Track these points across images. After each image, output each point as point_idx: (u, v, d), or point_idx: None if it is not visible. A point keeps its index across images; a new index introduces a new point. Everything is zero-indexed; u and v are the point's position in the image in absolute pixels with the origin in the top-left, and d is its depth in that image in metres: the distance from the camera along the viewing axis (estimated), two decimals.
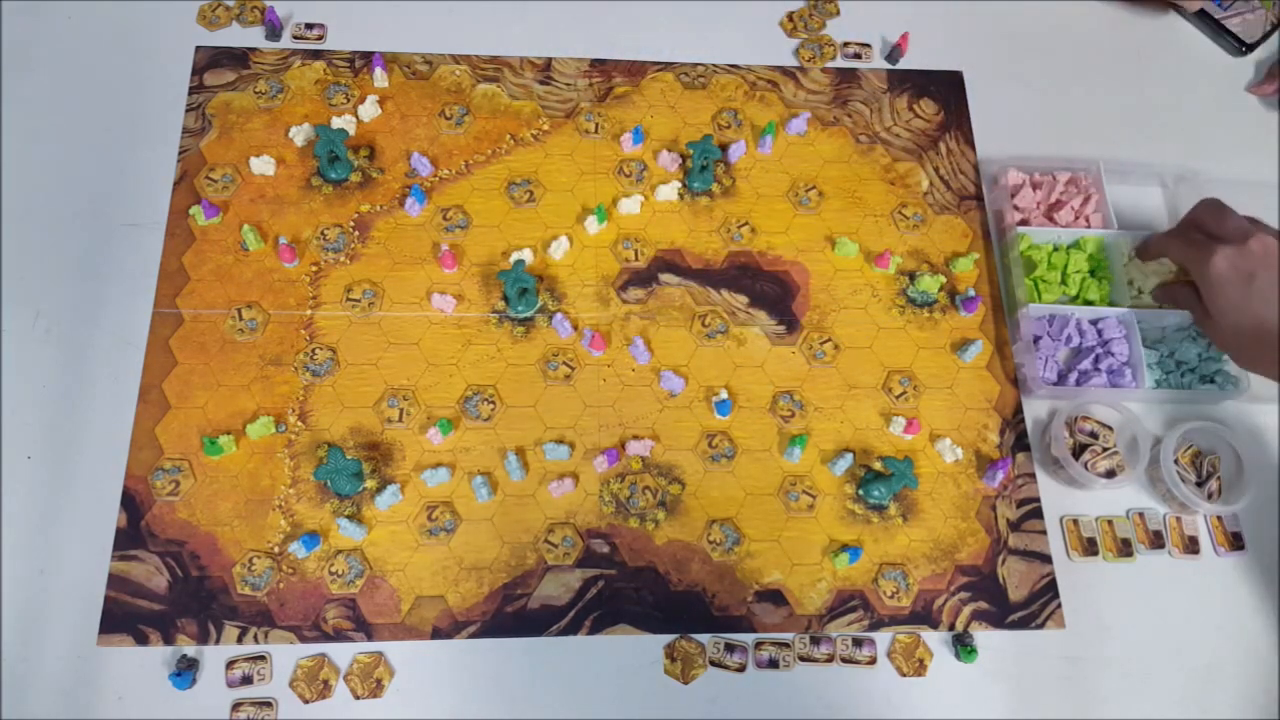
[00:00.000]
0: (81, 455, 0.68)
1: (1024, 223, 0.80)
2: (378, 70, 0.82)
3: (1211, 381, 0.75)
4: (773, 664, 0.66)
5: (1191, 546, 0.72)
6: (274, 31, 0.83)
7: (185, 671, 0.62)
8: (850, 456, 0.71)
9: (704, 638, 0.67)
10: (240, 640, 0.64)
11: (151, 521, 0.66)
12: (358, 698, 0.63)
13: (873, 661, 0.67)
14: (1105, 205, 0.80)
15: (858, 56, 0.89)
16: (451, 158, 0.80)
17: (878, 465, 0.72)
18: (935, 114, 0.87)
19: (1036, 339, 0.76)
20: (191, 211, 0.76)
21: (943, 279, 0.78)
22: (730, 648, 0.66)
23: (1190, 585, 0.71)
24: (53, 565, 0.65)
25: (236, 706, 0.62)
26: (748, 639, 0.67)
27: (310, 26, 0.85)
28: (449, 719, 0.63)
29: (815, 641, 0.67)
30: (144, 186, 0.77)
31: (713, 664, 0.66)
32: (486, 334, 0.74)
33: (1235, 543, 0.72)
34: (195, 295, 0.73)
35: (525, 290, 0.73)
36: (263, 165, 0.77)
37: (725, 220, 0.80)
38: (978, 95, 0.88)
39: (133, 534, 0.66)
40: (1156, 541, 0.72)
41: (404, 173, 0.79)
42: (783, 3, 0.91)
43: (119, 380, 0.70)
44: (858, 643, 0.67)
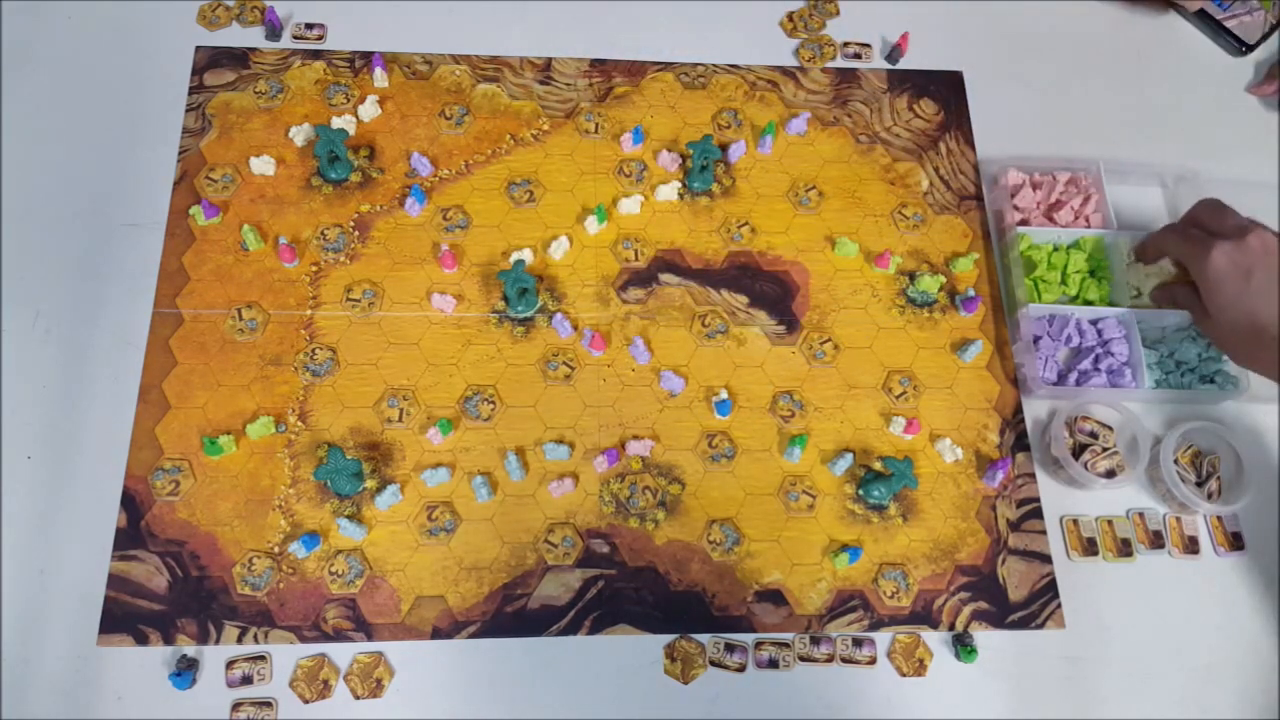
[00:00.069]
0: (81, 455, 0.68)
1: (1024, 223, 0.80)
2: (378, 70, 0.82)
3: (1211, 381, 0.75)
4: (773, 664, 0.66)
5: (1191, 546, 0.72)
6: (274, 31, 0.83)
7: (185, 671, 0.62)
8: (850, 456, 0.71)
9: (704, 638, 0.67)
10: (240, 640, 0.64)
11: (151, 521, 0.66)
12: (358, 698, 0.63)
13: (873, 661, 0.67)
14: (1105, 205, 0.80)
15: (858, 56, 0.89)
16: (451, 158, 0.80)
17: (878, 465, 0.72)
18: (935, 114, 0.87)
19: (1036, 339, 0.76)
20: (191, 211, 0.76)
21: (943, 279, 0.78)
22: (730, 648, 0.66)
23: (1190, 585, 0.71)
24: (53, 565, 0.65)
25: (236, 706, 0.62)
26: (748, 639, 0.67)
27: (310, 26, 0.85)
28: (449, 719, 0.63)
29: (815, 641, 0.67)
30: (144, 186, 0.77)
31: (713, 664, 0.66)
32: (486, 334, 0.74)
33: (1235, 543, 0.72)
34: (195, 295, 0.73)
35: (525, 290, 0.73)
36: (263, 165, 0.77)
37: (725, 220, 0.80)
38: (978, 95, 0.88)
39: (133, 534, 0.66)
40: (1156, 541, 0.72)
41: (404, 173, 0.79)
42: (783, 3, 0.91)
43: (119, 380, 0.70)
44: (858, 643, 0.67)
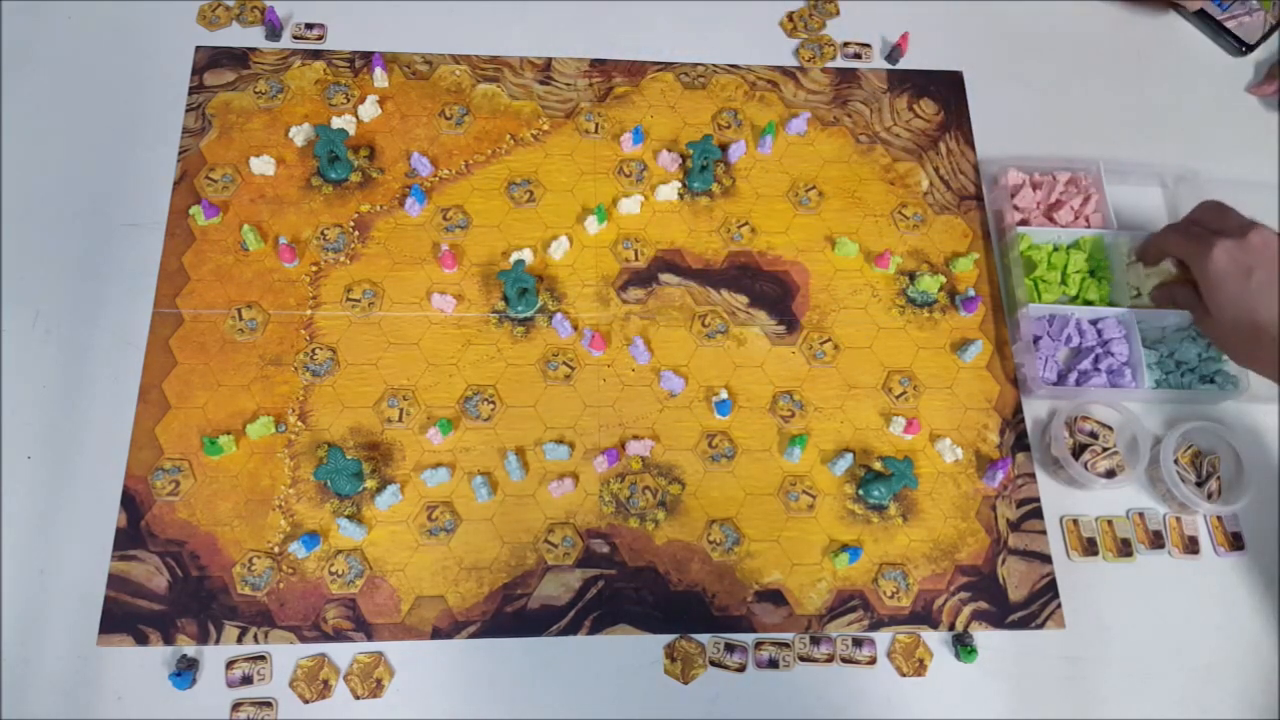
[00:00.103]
0: (81, 455, 0.68)
1: (1024, 223, 0.80)
2: (378, 70, 0.82)
3: (1211, 381, 0.75)
4: (773, 664, 0.66)
5: (1191, 546, 0.72)
6: (274, 31, 0.83)
7: (185, 671, 0.62)
8: (850, 456, 0.71)
9: (704, 638, 0.67)
10: (240, 640, 0.64)
11: (151, 521, 0.66)
12: (358, 698, 0.63)
13: (873, 661, 0.67)
14: (1105, 205, 0.80)
15: (858, 56, 0.89)
16: (451, 158, 0.80)
17: (878, 465, 0.72)
18: (935, 114, 0.87)
19: (1036, 339, 0.76)
20: (191, 211, 0.76)
21: (943, 279, 0.78)
22: (730, 648, 0.66)
23: (1190, 585, 0.71)
24: (53, 565, 0.65)
25: (236, 706, 0.62)
26: (748, 639, 0.67)
27: (310, 26, 0.85)
28: (449, 719, 0.63)
29: (815, 641, 0.67)
30: (144, 186, 0.77)
31: (713, 664, 0.66)
32: (486, 334, 0.74)
33: (1235, 543, 0.72)
34: (195, 295, 0.73)
35: (525, 290, 0.73)
36: (263, 165, 0.77)
37: (725, 220, 0.80)
38: (978, 95, 0.88)
39: (133, 534, 0.66)
40: (1156, 541, 0.72)
41: (404, 173, 0.79)
42: (783, 3, 0.91)
43: (119, 380, 0.70)
44: (858, 643, 0.67)
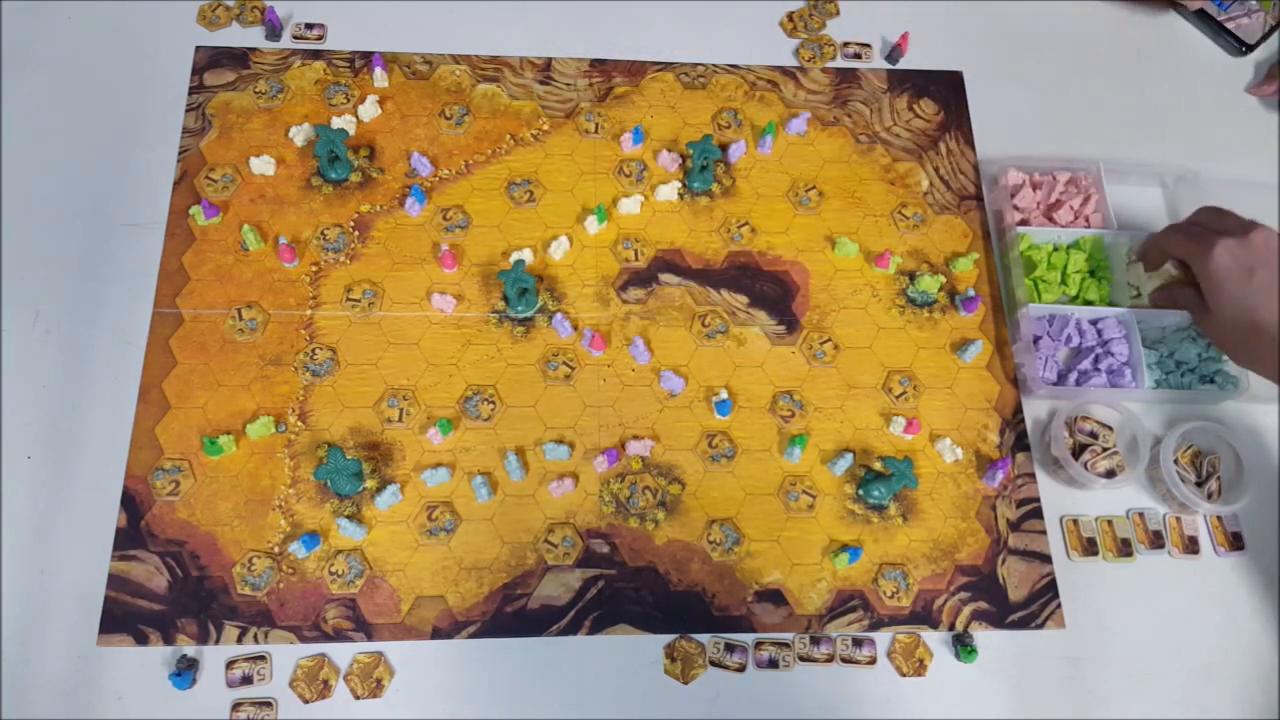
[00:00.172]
0: (81, 455, 0.68)
1: (1024, 223, 0.80)
2: (378, 70, 0.82)
3: (1211, 381, 0.75)
4: (773, 664, 0.66)
5: (1191, 546, 0.72)
6: (274, 31, 0.83)
7: (185, 671, 0.62)
8: (850, 456, 0.71)
9: (704, 638, 0.67)
10: (240, 640, 0.64)
11: (151, 521, 0.66)
12: (358, 698, 0.63)
13: (873, 661, 0.67)
14: (1105, 205, 0.80)
15: (858, 56, 0.89)
16: (451, 158, 0.80)
17: (878, 465, 0.72)
18: (935, 114, 0.87)
19: (1036, 339, 0.76)
20: (191, 211, 0.76)
21: (943, 279, 0.78)
22: (730, 648, 0.66)
23: (1190, 585, 0.71)
24: (53, 565, 0.65)
25: (236, 706, 0.62)
26: (748, 639, 0.67)
27: (310, 26, 0.85)
28: (449, 719, 0.63)
29: (815, 641, 0.67)
30: (144, 186, 0.77)
31: (713, 664, 0.66)
32: (486, 334, 0.74)
33: (1235, 543, 0.72)
34: (195, 295, 0.73)
35: (525, 290, 0.73)
36: (263, 165, 0.77)
37: (725, 220, 0.80)
38: (978, 95, 0.88)
39: (133, 534, 0.66)
40: (1156, 541, 0.72)
41: (404, 173, 0.79)
42: (783, 3, 0.91)
43: (119, 380, 0.70)
44: (858, 643, 0.67)
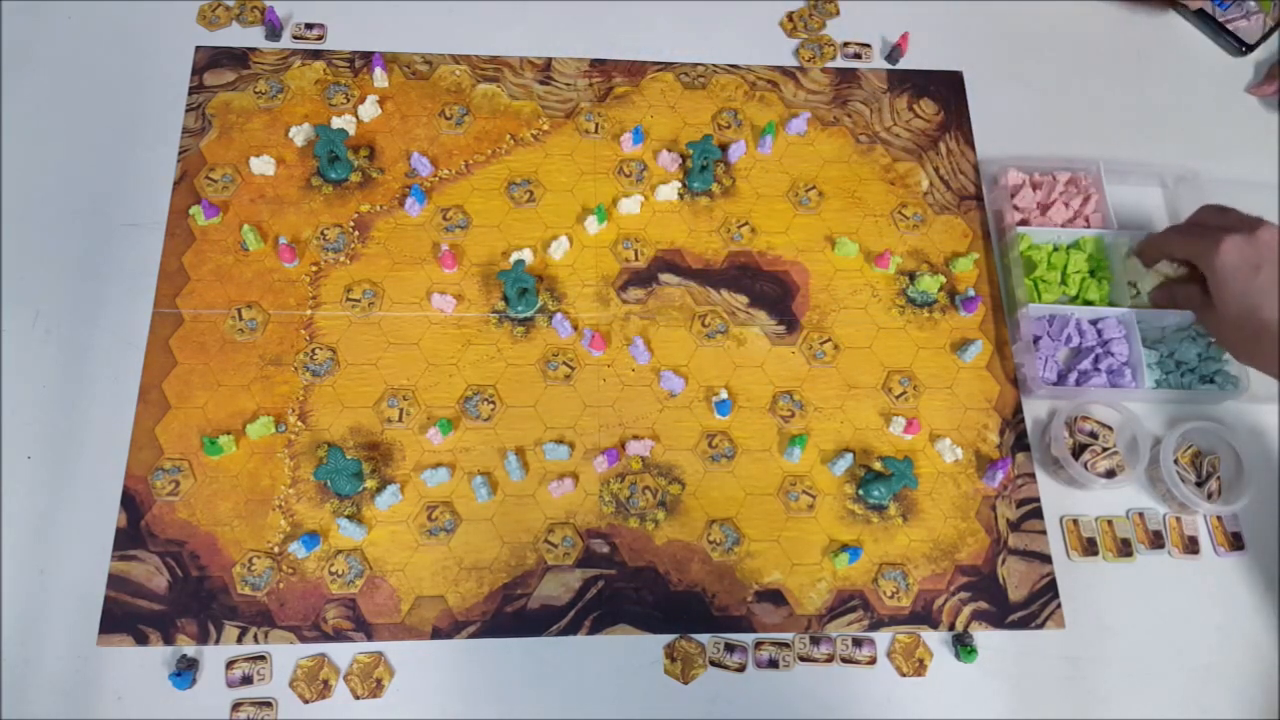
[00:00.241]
0: (81, 455, 0.68)
1: (1024, 223, 0.80)
2: (378, 70, 0.82)
3: (1211, 381, 0.75)
4: (773, 664, 0.66)
5: (1191, 546, 0.72)
6: (274, 31, 0.83)
7: (185, 671, 0.62)
8: (850, 456, 0.71)
9: (704, 638, 0.67)
10: (240, 640, 0.64)
11: (151, 521, 0.66)
12: (358, 698, 0.63)
13: (873, 661, 0.67)
14: (1105, 205, 0.80)
15: (858, 56, 0.89)
16: (451, 158, 0.80)
17: (878, 465, 0.72)
18: (935, 114, 0.87)
19: (1036, 339, 0.76)
20: (191, 211, 0.76)
21: (943, 279, 0.78)
22: (730, 648, 0.66)
23: (1190, 585, 0.71)
24: (53, 565, 0.65)
25: (236, 706, 0.62)
26: (748, 639, 0.67)
27: (310, 26, 0.85)
28: (449, 719, 0.63)
29: (815, 641, 0.67)
30: (144, 186, 0.77)
31: (713, 664, 0.66)
32: (486, 334, 0.74)
33: (1235, 543, 0.72)
34: (195, 295, 0.73)
35: (525, 290, 0.73)
36: (263, 165, 0.77)
37: (725, 220, 0.80)
38: (978, 95, 0.88)
39: (133, 534, 0.66)
40: (1156, 541, 0.72)
41: (404, 173, 0.79)
42: (783, 3, 0.91)
43: (119, 380, 0.70)
44: (858, 643, 0.67)
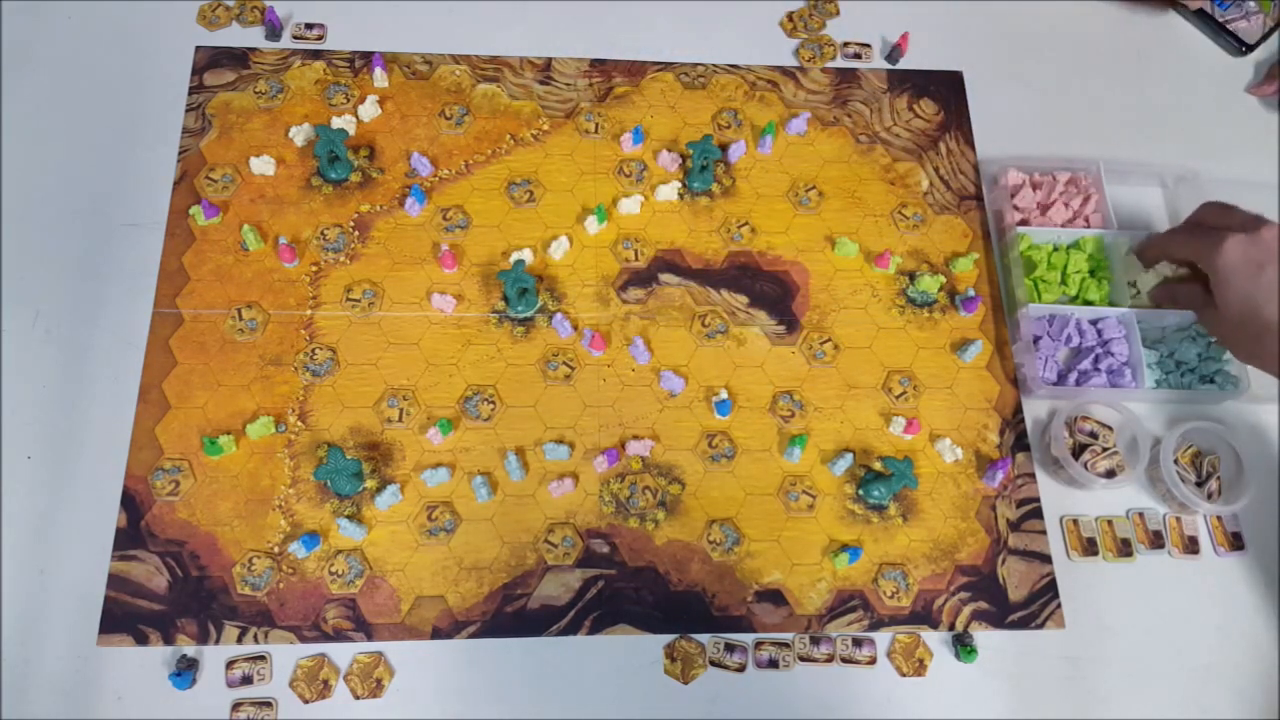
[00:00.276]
0: (81, 455, 0.68)
1: (1024, 223, 0.80)
2: (378, 70, 0.82)
3: (1211, 381, 0.75)
4: (773, 664, 0.66)
5: (1191, 546, 0.72)
6: (274, 31, 0.83)
7: (185, 671, 0.62)
8: (850, 456, 0.71)
9: (704, 638, 0.67)
10: (240, 640, 0.64)
11: (151, 521, 0.66)
12: (358, 698, 0.63)
13: (873, 661, 0.67)
14: (1105, 205, 0.80)
15: (858, 56, 0.89)
16: (451, 158, 0.80)
17: (878, 465, 0.72)
18: (935, 114, 0.87)
19: (1036, 339, 0.76)
20: (191, 211, 0.76)
21: (943, 279, 0.78)
22: (730, 648, 0.66)
23: (1190, 585, 0.71)
24: (53, 565, 0.65)
25: (236, 706, 0.62)
26: (748, 639, 0.67)
27: (310, 26, 0.85)
28: (449, 719, 0.63)
29: (815, 641, 0.67)
30: (144, 186, 0.77)
31: (713, 664, 0.66)
32: (486, 334, 0.74)
33: (1235, 543, 0.72)
34: (195, 295, 0.73)
35: (525, 290, 0.73)
36: (263, 165, 0.77)
37: (725, 220, 0.80)
38: (978, 95, 0.88)
39: (133, 534, 0.66)
40: (1156, 541, 0.72)
41: (404, 173, 0.79)
42: (783, 3, 0.91)
43: (119, 380, 0.70)
44: (858, 643, 0.67)
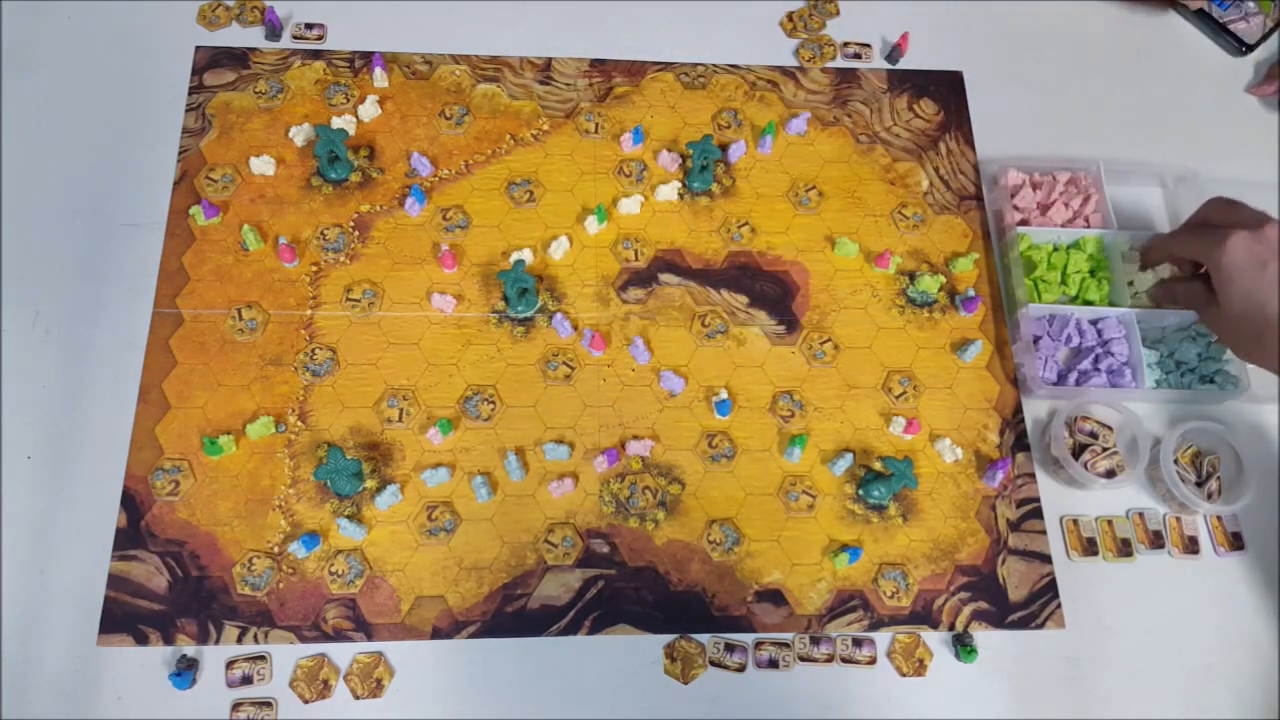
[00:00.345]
0: (81, 455, 0.68)
1: (1024, 223, 0.80)
2: (378, 70, 0.82)
3: (1211, 381, 0.75)
4: (773, 664, 0.66)
5: (1191, 546, 0.72)
6: (274, 31, 0.83)
7: (185, 671, 0.62)
8: (850, 456, 0.71)
9: (704, 638, 0.67)
10: (240, 640, 0.64)
11: (151, 521, 0.66)
12: (358, 698, 0.63)
13: (873, 661, 0.67)
14: (1105, 205, 0.80)
15: (858, 56, 0.89)
16: (451, 158, 0.80)
17: (878, 465, 0.72)
18: (935, 114, 0.87)
19: (1036, 339, 0.76)
20: (191, 211, 0.76)
21: (942, 279, 0.78)
22: (730, 648, 0.66)
23: (1190, 585, 0.71)
24: (53, 565, 0.65)
25: (236, 706, 0.62)
26: (748, 639, 0.67)
27: (310, 26, 0.85)
28: (449, 719, 0.63)
29: (815, 641, 0.67)
30: (144, 186, 0.77)
31: (713, 664, 0.66)
32: (486, 334, 0.74)
33: (1235, 543, 0.72)
34: (195, 295, 0.73)
35: (525, 290, 0.73)
36: (263, 165, 0.77)
37: (725, 220, 0.80)
38: (978, 95, 0.88)
39: (133, 534, 0.66)
40: (1156, 541, 0.72)
41: (404, 173, 0.79)
42: (783, 3, 0.91)
43: (119, 380, 0.70)
44: (858, 643, 0.67)
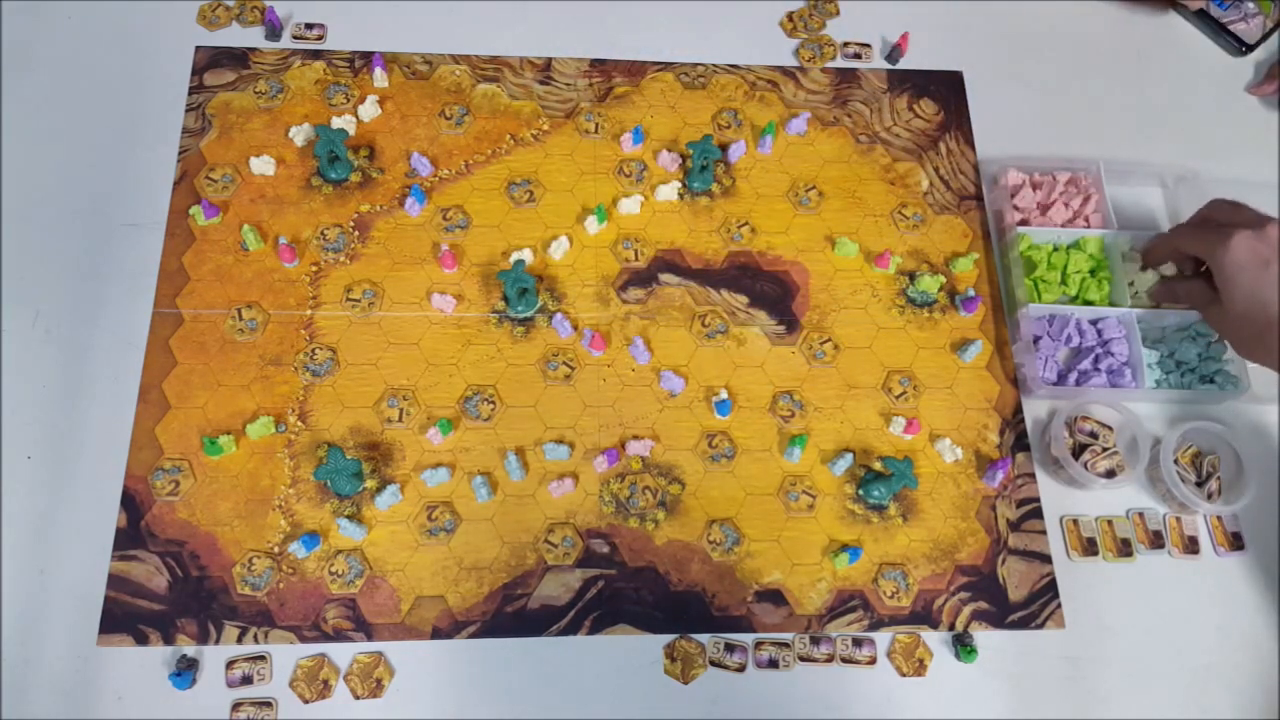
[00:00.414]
0: (81, 455, 0.68)
1: (1024, 223, 0.80)
2: (378, 70, 0.82)
3: (1211, 381, 0.75)
4: (773, 664, 0.66)
5: (1191, 546, 0.72)
6: (274, 31, 0.83)
7: (185, 671, 0.62)
8: (850, 456, 0.71)
9: (704, 638, 0.67)
10: (240, 640, 0.64)
11: (151, 521, 0.66)
12: (358, 698, 0.63)
13: (873, 661, 0.67)
14: (1105, 205, 0.80)
15: (858, 56, 0.89)
16: (451, 158, 0.80)
17: (878, 465, 0.72)
18: (935, 114, 0.87)
19: (1036, 339, 0.76)
20: (191, 211, 0.76)
21: (943, 279, 0.78)
22: (730, 648, 0.66)
23: (1190, 585, 0.71)
24: (53, 565, 0.65)
25: (236, 706, 0.62)
26: (748, 639, 0.67)
27: (310, 26, 0.85)
28: (449, 719, 0.63)
29: (815, 641, 0.67)
30: (144, 186, 0.77)
31: (713, 664, 0.66)
32: (486, 334, 0.74)
33: (1235, 543, 0.72)
34: (195, 295, 0.73)
35: (525, 290, 0.73)
36: (263, 165, 0.77)
37: (725, 220, 0.80)
38: (978, 95, 0.88)
39: (133, 534, 0.66)
40: (1156, 541, 0.72)
41: (404, 173, 0.79)
42: (783, 3, 0.91)
43: (119, 380, 0.70)
44: (858, 643, 0.67)
